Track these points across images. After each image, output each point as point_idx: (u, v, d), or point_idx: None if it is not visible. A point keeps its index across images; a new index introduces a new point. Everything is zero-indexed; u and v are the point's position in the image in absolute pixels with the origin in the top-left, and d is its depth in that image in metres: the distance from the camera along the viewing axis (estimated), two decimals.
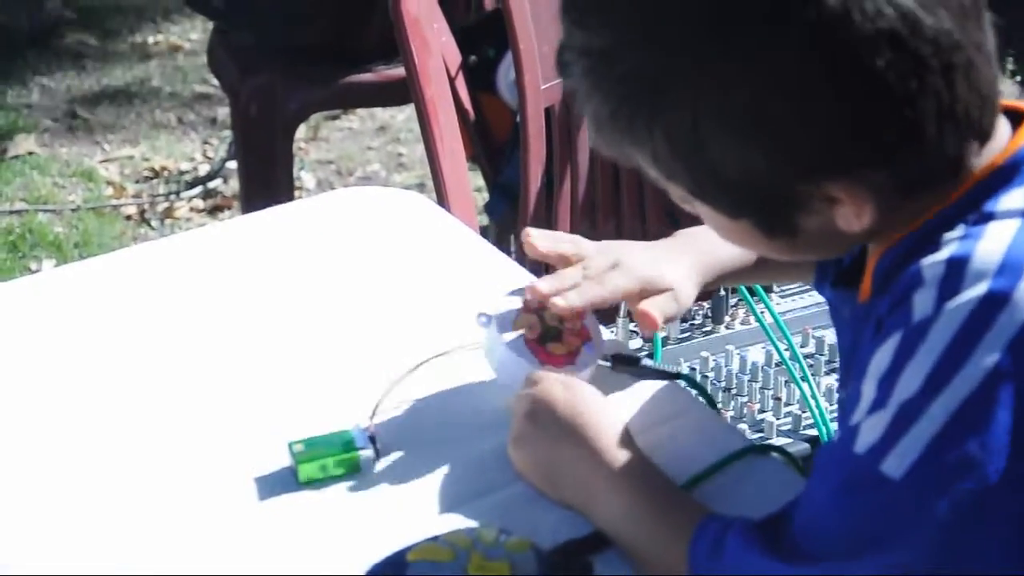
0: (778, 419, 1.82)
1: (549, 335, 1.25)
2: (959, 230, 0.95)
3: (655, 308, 1.25)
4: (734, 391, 1.87)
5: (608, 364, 1.28)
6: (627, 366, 1.29)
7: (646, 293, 1.26)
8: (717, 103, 0.93)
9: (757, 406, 1.85)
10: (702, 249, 1.29)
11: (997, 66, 0.97)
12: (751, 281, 1.42)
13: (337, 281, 1.49)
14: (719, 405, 1.85)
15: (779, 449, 1.22)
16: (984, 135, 0.96)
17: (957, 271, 0.92)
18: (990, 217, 0.95)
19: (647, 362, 1.30)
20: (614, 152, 1.00)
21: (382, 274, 1.49)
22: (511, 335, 1.24)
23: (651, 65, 0.94)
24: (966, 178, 0.96)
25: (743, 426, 1.81)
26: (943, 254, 0.93)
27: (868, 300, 1.01)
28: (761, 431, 1.81)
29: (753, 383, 1.84)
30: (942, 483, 0.90)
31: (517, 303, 1.26)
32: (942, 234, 0.95)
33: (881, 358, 0.93)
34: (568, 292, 1.23)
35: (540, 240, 1.28)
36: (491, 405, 1.25)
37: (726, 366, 1.90)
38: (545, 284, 1.24)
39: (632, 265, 1.27)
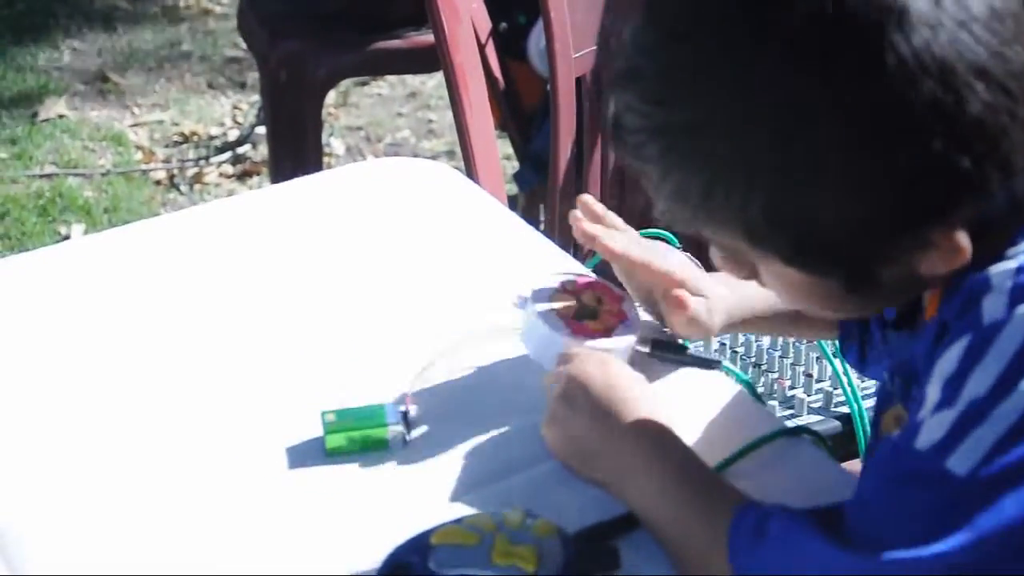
0: (809, 396, 1.81)
1: (585, 314, 1.24)
2: (1023, 244, 0.94)
3: (689, 298, 1.24)
4: (764, 367, 1.85)
5: (647, 350, 1.26)
6: (666, 352, 1.27)
7: (685, 286, 1.25)
8: (817, 169, 0.90)
9: (788, 382, 1.83)
10: (738, 285, 1.26)
11: None
12: (772, 332, 1.40)
13: (364, 253, 1.48)
14: (750, 379, 1.83)
15: (810, 431, 1.20)
16: None
17: None
18: None
19: (688, 353, 1.28)
20: (691, 226, 0.97)
21: (410, 247, 1.48)
22: (544, 309, 1.22)
23: (742, 137, 0.91)
24: None
25: (773, 403, 1.79)
26: (1012, 263, 0.93)
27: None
28: (792, 408, 1.80)
29: (784, 359, 1.82)
30: (1007, 482, 0.89)
31: (554, 285, 1.25)
32: (1007, 251, 0.94)
33: (949, 359, 0.92)
34: (616, 235, 1.24)
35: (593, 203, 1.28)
36: (521, 384, 1.24)
37: (756, 341, 1.88)
38: (591, 225, 1.25)
39: (679, 255, 1.26)
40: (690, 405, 1.22)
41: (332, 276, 1.44)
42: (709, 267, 1.15)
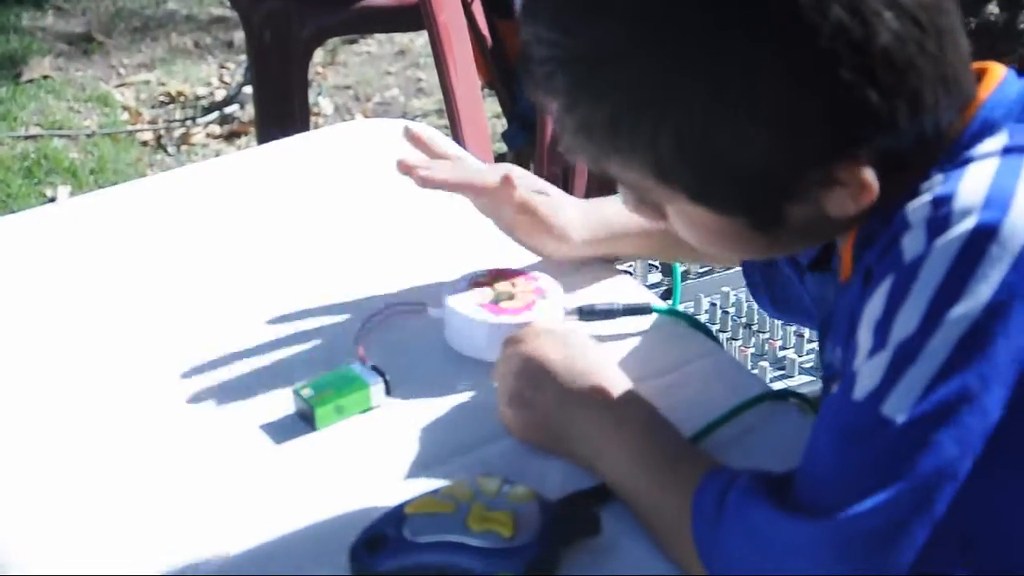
0: (800, 356, 1.79)
1: (501, 299, 1.24)
2: (937, 178, 0.93)
3: (514, 177, 1.26)
4: (755, 327, 1.84)
5: (575, 316, 1.25)
6: (595, 314, 1.25)
7: (508, 183, 1.25)
8: (731, 95, 0.90)
9: (779, 343, 1.82)
10: (597, 201, 1.30)
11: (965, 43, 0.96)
12: (649, 254, 1.42)
13: (345, 214, 1.47)
14: (739, 343, 1.82)
15: (797, 394, 1.18)
16: (967, 98, 0.95)
17: (943, 209, 0.90)
18: (967, 161, 0.93)
19: (614, 305, 1.26)
20: (595, 162, 0.97)
21: (392, 209, 1.46)
22: (461, 304, 1.23)
23: (657, 69, 0.90)
24: (942, 146, 0.95)
25: (764, 363, 1.78)
26: (926, 197, 0.91)
27: (851, 274, 0.99)
28: (783, 368, 1.79)
29: (775, 320, 1.80)
30: (944, 419, 0.87)
31: (464, 281, 1.25)
32: (919, 186, 0.93)
33: (875, 304, 0.91)
34: (436, 168, 1.25)
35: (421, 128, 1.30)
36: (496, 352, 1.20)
37: (747, 301, 1.87)
38: (415, 160, 1.26)
39: (509, 170, 1.27)
40: (665, 367, 1.20)
41: (312, 238, 1.42)
42: None
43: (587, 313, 1.26)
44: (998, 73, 0.98)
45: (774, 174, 0.93)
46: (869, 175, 0.93)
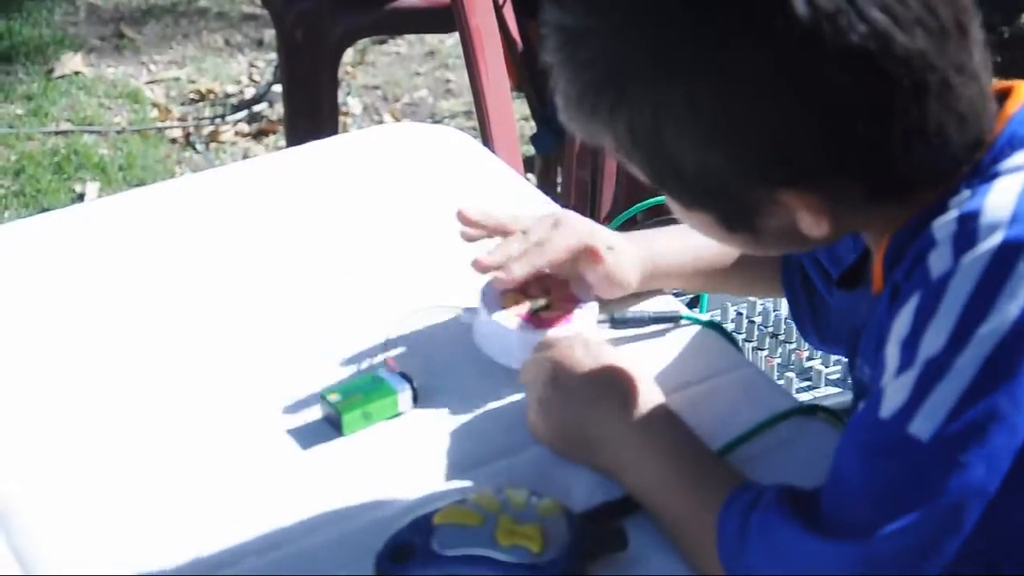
0: (827, 368, 1.78)
1: (538, 308, 1.23)
2: (965, 193, 0.92)
3: (602, 250, 1.24)
4: (782, 337, 1.83)
5: (607, 324, 1.26)
6: (626, 324, 1.26)
7: (591, 245, 1.24)
8: (679, 101, 0.91)
9: (805, 353, 1.81)
10: (644, 239, 1.30)
11: (987, 81, 0.94)
12: (702, 288, 1.39)
13: (374, 219, 1.47)
14: (765, 353, 1.81)
15: (825, 409, 1.17)
16: (971, 146, 0.94)
17: (970, 225, 0.89)
18: (995, 176, 0.92)
19: (644, 313, 1.27)
20: (581, 131, 0.99)
21: (422, 213, 1.46)
22: (500, 314, 1.22)
23: (619, 55, 0.92)
24: (955, 173, 0.94)
25: (790, 374, 1.77)
26: (952, 213, 0.91)
27: (881, 289, 0.98)
28: (809, 379, 1.77)
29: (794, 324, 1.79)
30: (972, 439, 0.87)
31: (498, 288, 1.24)
32: (948, 201, 0.92)
33: (902, 321, 0.90)
34: (512, 264, 1.21)
35: (471, 210, 1.27)
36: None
37: (774, 311, 1.86)
38: (489, 257, 1.22)
39: (574, 224, 1.25)
40: (694, 378, 1.20)
41: (343, 241, 1.43)
42: None
43: (619, 321, 1.26)
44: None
45: (719, 184, 0.94)
46: (822, 206, 0.93)
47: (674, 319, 1.27)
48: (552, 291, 1.25)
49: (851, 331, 1.09)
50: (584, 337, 1.16)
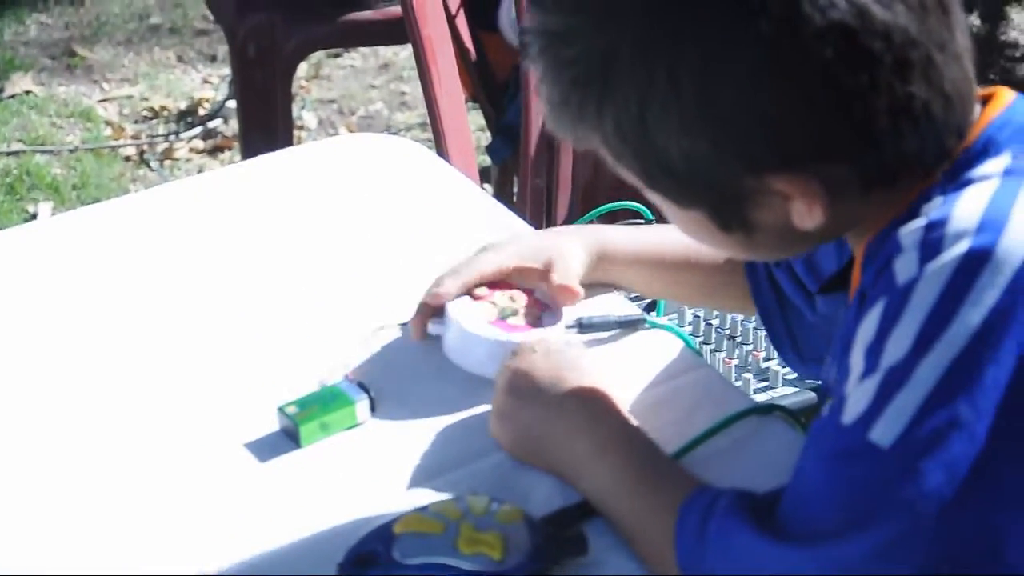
0: (783, 368, 1.79)
1: (507, 315, 1.24)
2: (937, 200, 0.92)
3: (574, 285, 1.24)
4: (739, 339, 1.84)
5: (575, 329, 1.26)
6: (593, 328, 1.26)
7: (523, 265, 1.25)
8: (664, 91, 0.91)
9: (763, 354, 1.82)
10: (597, 229, 1.31)
11: (970, 67, 0.95)
12: (650, 291, 1.39)
13: (330, 231, 1.46)
14: (723, 354, 1.82)
15: (782, 408, 1.18)
16: (956, 131, 0.94)
17: (936, 233, 0.89)
18: (967, 183, 0.93)
19: (610, 318, 1.27)
20: (568, 134, 0.98)
21: (377, 225, 1.46)
22: (469, 322, 1.22)
23: (601, 48, 0.92)
24: (938, 166, 0.95)
25: (748, 375, 1.78)
26: (920, 220, 0.91)
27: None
28: (766, 380, 1.78)
29: (759, 331, 1.80)
30: (933, 446, 0.87)
31: (464, 296, 1.25)
32: (919, 208, 0.93)
33: (867, 327, 0.90)
34: (444, 279, 1.24)
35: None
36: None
37: (730, 314, 1.87)
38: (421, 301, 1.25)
39: (502, 244, 1.28)
40: (651, 381, 1.20)
41: (297, 254, 1.42)
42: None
43: (586, 326, 1.26)
44: (1006, 97, 0.98)
45: (709, 175, 0.94)
46: (815, 192, 0.92)
47: (639, 323, 1.28)
48: (516, 299, 1.25)
49: (827, 342, 1.09)
50: (547, 344, 1.16)
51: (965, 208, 0.90)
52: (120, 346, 1.29)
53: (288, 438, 1.16)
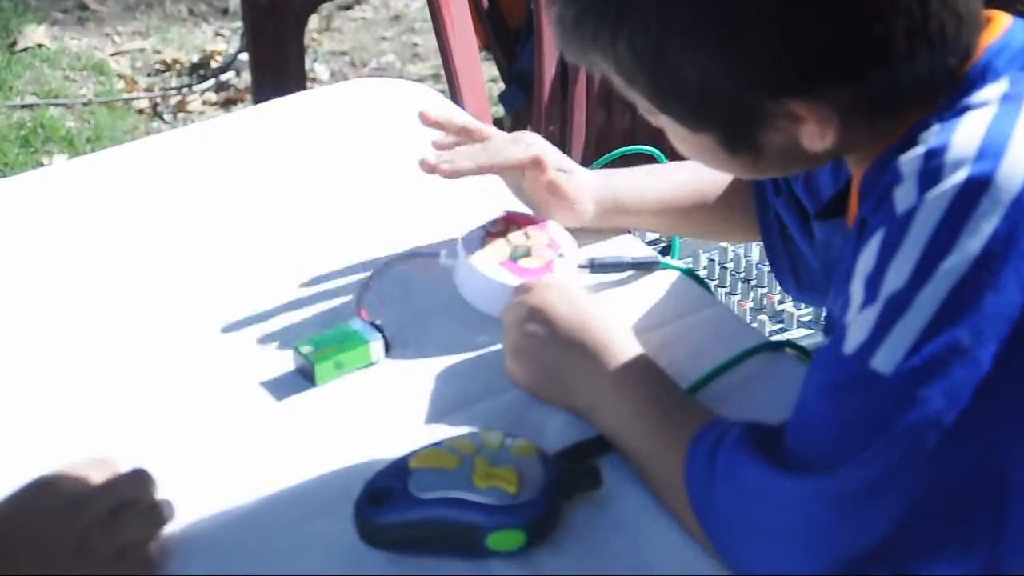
0: (798, 310, 1.80)
1: (519, 254, 1.23)
2: (934, 127, 0.92)
3: (548, 163, 1.25)
4: (754, 282, 1.84)
5: (587, 269, 1.26)
6: (606, 268, 1.27)
7: (539, 165, 1.25)
8: (682, 12, 0.91)
9: (777, 297, 1.82)
10: (606, 174, 1.30)
11: None
12: (664, 229, 1.40)
13: (341, 174, 1.46)
14: (738, 297, 1.82)
15: (794, 345, 1.18)
16: (964, 53, 0.94)
17: (935, 161, 0.89)
18: (965, 109, 0.92)
19: (623, 259, 1.27)
20: (578, 58, 0.98)
21: (390, 168, 1.46)
22: (480, 261, 1.21)
23: None
24: (940, 91, 0.94)
25: (763, 317, 1.78)
26: (919, 148, 0.91)
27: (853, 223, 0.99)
28: (781, 322, 1.79)
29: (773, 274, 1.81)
30: (933, 373, 0.87)
31: (478, 230, 1.24)
32: (918, 135, 0.93)
33: (867, 257, 0.91)
34: (458, 159, 1.24)
35: (434, 111, 1.28)
36: None
37: (745, 256, 1.87)
38: (436, 156, 1.24)
39: (531, 140, 1.27)
40: (664, 319, 1.21)
41: (311, 196, 1.43)
42: None
43: (598, 266, 1.27)
44: (1003, 21, 0.97)
45: (726, 98, 0.93)
46: (830, 115, 0.92)
47: (652, 265, 1.28)
48: (531, 235, 1.25)
49: (829, 265, 1.10)
50: (562, 282, 1.16)
51: (963, 135, 0.90)
52: (135, 288, 1.30)
53: (303, 377, 1.17)
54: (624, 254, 1.29)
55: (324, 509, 1.02)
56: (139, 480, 1.00)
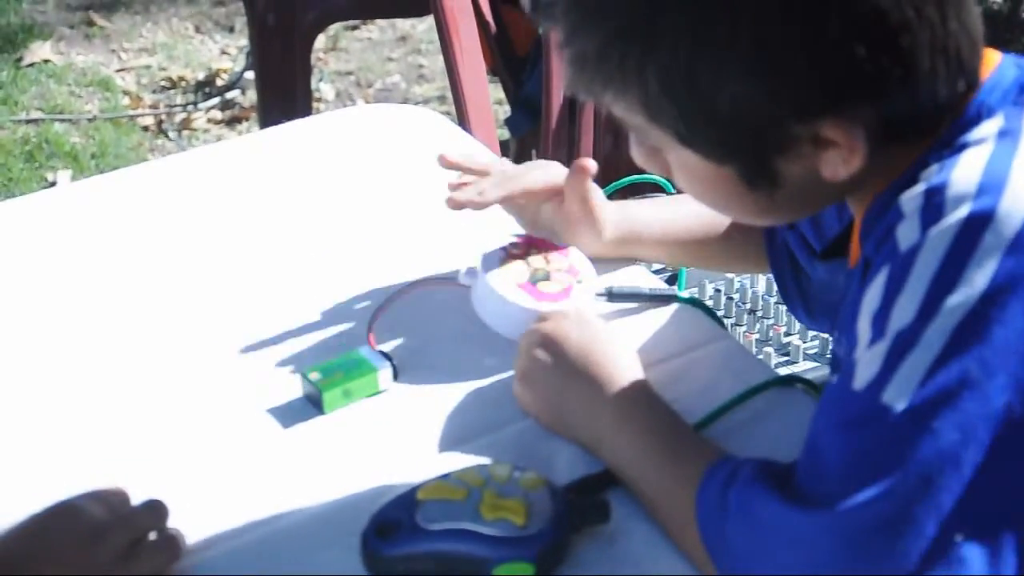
0: (804, 343, 1.79)
1: (538, 278, 1.23)
2: (933, 167, 0.93)
3: (589, 164, 1.25)
4: (760, 313, 1.84)
5: (604, 297, 1.26)
6: (623, 298, 1.27)
7: (582, 173, 1.25)
8: (716, 34, 0.90)
9: (783, 329, 1.81)
10: (623, 203, 1.31)
11: (978, 12, 0.96)
12: (676, 261, 1.39)
13: (349, 200, 1.46)
14: (744, 328, 1.82)
15: (803, 380, 1.18)
16: (971, 77, 0.95)
17: (937, 198, 0.90)
18: (963, 147, 0.93)
19: (642, 289, 1.28)
20: (592, 95, 0.97)
21: (397, 193, 1.46)
22: (499, 282, 1.21)
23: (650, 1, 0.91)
24: (943, 123, 0.95)
25: (769, 349, 1.78)
26: (920, 187, 0.91)
27: (856, 262, 0.99)
28: (787, 355, 1.78)
29: (780, 306, 1.80)
30: (944, 405, 0.87)
31: (498, 251, 1.24)
32: (917, 174, 0.93)
33: (872, 294, 0.91)
34: (487, 189, 1.24)
35: (453, 152, 1.28)
36: (500, 336, 1.21)
37: (751, 288, 1.87)
38: (461, 192, 1.25)
39: (553, 167, 1.28)
40: (672, 352, 1.20)
41: (318, 223, 1.43)
42: None
43: (616, 295, 1.26)
44: (994, 58, 0.98)
45: (757, 123, 0.93)
46: (858, 137, 0.92)
47: (670, 298, 1.28)
48: (550, 260, 1.24)
49: (832, 304, 1.10)
50: (580, 313, 1.16)
51: (963, 172, 0.90)
52: (142, 312, 1.30)
53: (311, 404, 1.16)
54: (635, 283, 1.29)
55: (330, 541, 1.02)
56: (156, 512, 1.01)
